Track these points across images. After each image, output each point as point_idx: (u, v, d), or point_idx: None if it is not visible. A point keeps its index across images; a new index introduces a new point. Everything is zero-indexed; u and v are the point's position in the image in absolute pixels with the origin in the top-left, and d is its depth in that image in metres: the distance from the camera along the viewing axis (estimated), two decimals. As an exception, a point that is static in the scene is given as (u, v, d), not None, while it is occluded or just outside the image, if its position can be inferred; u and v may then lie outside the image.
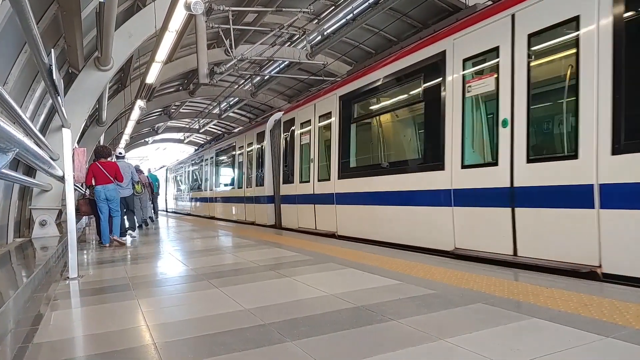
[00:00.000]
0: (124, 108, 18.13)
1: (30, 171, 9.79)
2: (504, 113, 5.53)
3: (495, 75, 5.67)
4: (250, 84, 21.45)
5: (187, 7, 6.95)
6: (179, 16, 7.43)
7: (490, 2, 6.69)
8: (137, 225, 11.96)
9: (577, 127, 4.72)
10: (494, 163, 5.68)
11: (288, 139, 11.85)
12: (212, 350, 2.82)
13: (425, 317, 3.28)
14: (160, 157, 47.89)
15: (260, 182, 14.17)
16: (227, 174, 19.29)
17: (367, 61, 9.91)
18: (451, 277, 4.49)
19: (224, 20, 13.88)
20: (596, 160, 4.53)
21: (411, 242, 7.12)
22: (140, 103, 13.73)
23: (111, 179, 9.04)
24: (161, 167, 38.17)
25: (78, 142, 13.57)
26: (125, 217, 10.55)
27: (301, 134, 11.17)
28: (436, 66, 6.72)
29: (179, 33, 8.23)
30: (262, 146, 14.15)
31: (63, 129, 6.58)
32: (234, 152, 17.42)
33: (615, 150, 4.38)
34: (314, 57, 16.52)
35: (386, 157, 8.31)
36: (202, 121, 30.96)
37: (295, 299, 4.03)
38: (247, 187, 15.42)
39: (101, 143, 21.89)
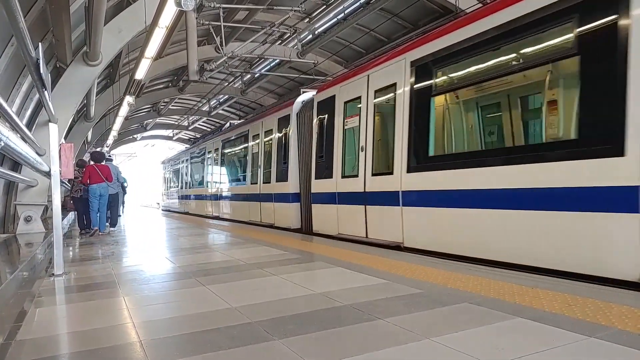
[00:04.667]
0: (112, 104, 18.00)
1: (15, 166, 9.69)
2: None
3: None
4: (240, 82, 21.39)
5: (178, 3, 6.90)
6: (170, 12, 7.39)
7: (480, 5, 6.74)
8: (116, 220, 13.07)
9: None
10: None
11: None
12: (198, 348, 2.80)
13: (412, 316, 3.30)
14: (148, 153, 47.61)
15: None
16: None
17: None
18: (438, 277, 4.51)
19: (214, 17, 13.80)
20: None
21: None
22: (129, 99, 13.62)
23: (103, 179, 10.45)
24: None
25: (65, 138, 13.46)
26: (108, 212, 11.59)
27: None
28: None
29: (169, 29, 8.18)
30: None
31: (50, 124, 6.51)
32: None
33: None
34: (305, 55, 16.51)
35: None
36: (191, 118, 30.86)
37: (282, 297, 4.02)
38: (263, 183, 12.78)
39: (89, 139, 21.78)
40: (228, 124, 18.61)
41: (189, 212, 21.96)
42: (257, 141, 13.42)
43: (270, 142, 12.35)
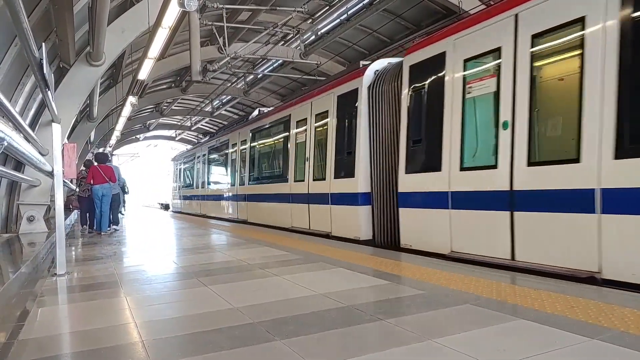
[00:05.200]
0: (115, 104, 18.03)
1: (18, 166, 9.71)
2: None
3: None
4: (243, 82, 21.43)
5: (181, 3, 6.91)
6: (173, 13, 7.39)
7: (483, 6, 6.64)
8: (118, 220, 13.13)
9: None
10: None
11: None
12: (200, 349, 2.81)
13: (414, 317, 3.29)
14: (151, 153, 47.78)
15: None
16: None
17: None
18: (440, 278, 4.50)
19: (217, 18, 13.84)
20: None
21: None
22: (132, 99, 13.65)
23: (107, 179, 10.71)
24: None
25: (68, 138, 13.49)
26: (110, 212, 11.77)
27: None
28: None
29: (172, 30, 8.18)
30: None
31: (53, 124, 6.53)
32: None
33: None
34: (308, 56, 16.53)
35: None
36: (194, 119, 30.91)
37: (284, 298, 4.02)
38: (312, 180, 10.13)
39: (92, 139, 21.82)
40: (257, 112, 15.85)
41: (207, 214, 18.87)
42: (303, 127, 10.65)
43: (325, 127, 9.60)
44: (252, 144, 14.27)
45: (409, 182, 7.06)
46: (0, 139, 3.41)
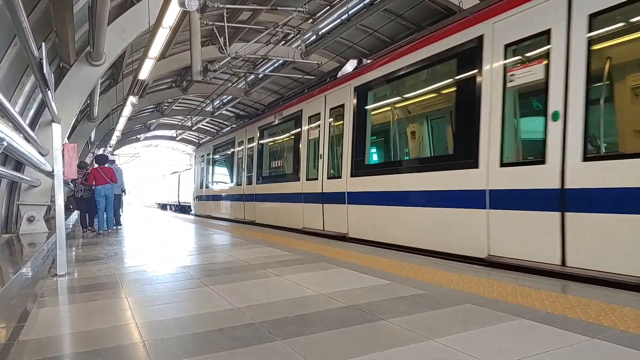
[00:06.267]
0: (115, 104, 18.02)
1: (18, 166, 9.71)
2: None
3: None
4: (244, 82, 21.42)
5: (182, 3, 6.90)
6: (173, 12, 7.39)
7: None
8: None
9: None
10: None
11: None
12: (201, 349, 2.81)
13: (415, 317, 3.29)
14: (151, 153, 47.86)
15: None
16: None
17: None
18: (440, 278, 4.50)
19: (218, 18, 13.83)
20: None
21: None
22: (132, 99, 13.63)
23: (108, 180, 11.09)
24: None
25: (68, 138, 13.51)
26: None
27: None
28: None
29: (172, 29, 8.17)
30: None
31: (53, 124, 6.52)
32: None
33: None
34: (309, 56, 16.52)
35: None
36: (194, 119, 30.93)
37: (285, 298, 4.02)
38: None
39: (92, 139, 21.83)
40: (351, 64, 10.34)
41: (256, 221, 13.81)
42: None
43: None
44: (359, 109, 8.70)
45: None
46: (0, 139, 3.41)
